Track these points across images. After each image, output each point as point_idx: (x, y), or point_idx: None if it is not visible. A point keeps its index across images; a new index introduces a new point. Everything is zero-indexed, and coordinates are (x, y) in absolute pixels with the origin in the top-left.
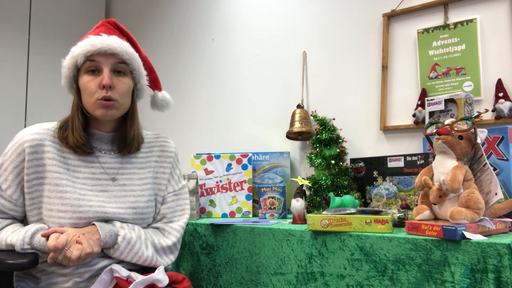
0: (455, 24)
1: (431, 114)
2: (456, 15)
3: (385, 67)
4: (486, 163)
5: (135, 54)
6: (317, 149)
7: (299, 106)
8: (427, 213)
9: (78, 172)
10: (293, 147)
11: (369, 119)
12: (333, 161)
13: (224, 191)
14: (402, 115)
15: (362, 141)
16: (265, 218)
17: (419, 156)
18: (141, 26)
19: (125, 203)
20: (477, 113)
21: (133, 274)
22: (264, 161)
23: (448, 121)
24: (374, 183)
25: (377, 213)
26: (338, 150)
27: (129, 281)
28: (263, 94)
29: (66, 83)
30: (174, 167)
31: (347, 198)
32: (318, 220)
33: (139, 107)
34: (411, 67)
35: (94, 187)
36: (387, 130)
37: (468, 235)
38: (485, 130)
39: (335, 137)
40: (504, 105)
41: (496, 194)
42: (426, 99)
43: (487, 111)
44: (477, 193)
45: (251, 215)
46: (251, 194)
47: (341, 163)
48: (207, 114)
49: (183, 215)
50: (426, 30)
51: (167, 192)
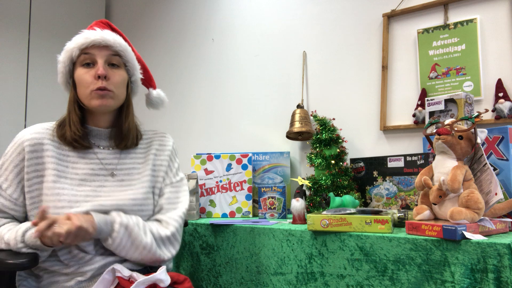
0: (455, 24)
1: (431, 114)
2: (456, 15)
3: (385, 67)
4: (486, 163)
5: (128, 47)
6: (317, 149)
7: (299, 106)
8: (427, 213)
9: (77, 168)
10: (293, 147)
11: (369, 119)
12: (333, 161)
13: (224, 191)
14: (402, 115)
15: (362, 141)
16: (265, 218)
17: (419, 156)
18: (141, 26)
19: (123, 195)
20: (477, 113)
21: (135, 274)
22: (264, 161)
23: (448, 121)
24: (374, 183)
25: (377, 213)
26: (338, 150)
27: (131, 281)
28: (263, 94)
29: (62, 78)
30: (172, 160)
31: (347, 198)
32: (318, 220)
33: (138, 106)
34: (411, 67)
35: (92, 183)
36: (387, 130)
37: (468, 235)
38: (485, 130)
39: (335, 137)
40: (504, 105)
41: (496, 194)
42: (426, 99)
43: (487, 111)
44: (477, 193)
45: (251, 215)
46: (251, 194)
47: (341, 163)
48: (207, 114)
49: (181, 205)
50: (426, 30)
51: (164, 184)
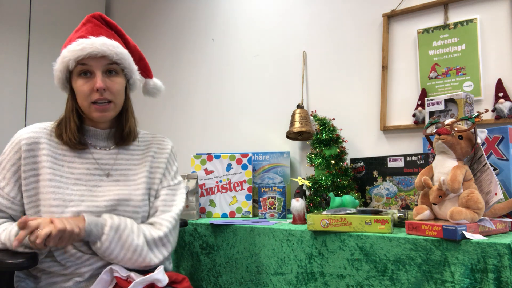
0: (455, 24)
1: (431, 114)
2: (456, 15)
3: (385, 67)
4: (486, 163)
5: (124, 53)
6: (317, 149)
7: (299, 106)
8: (427, 213)
9: (73, 168)
10: (293, 147)
11: (369, 119)
12: (333, 161)
13: (224, 191)
14: (402, 115)
15: (362, 141)
16: (265, 218)
17: (419, 156)
18: (141, 26)
19: (118, 195)
20: (477, 113)
21: (133, 274)
22: (264, 161)
23: (448, 121)
24: (374, 183)
25: (377, 213)
26: (338, 150)
27: (129, 280)
28: (263, 94)
29: (59, 83)
30: (170, 163)
31: (347, 198)
32: (318, 220)
33: (139, 105)
34: (411, 67)
35: (88, 183)
36: (387, 130)
37: (468, 235)
38: (485, 130)
39: (335, 137)
40: (504, 105)
41: (496, 194)
42: (426, 99)
43: (487, 111)
44: (477, 193)
45: (251, 215)
46: (251, 194)
47: (341, 163)
48: (207, 114)
49: (175, 207)
50: (426, 30)
51: (161, 186)
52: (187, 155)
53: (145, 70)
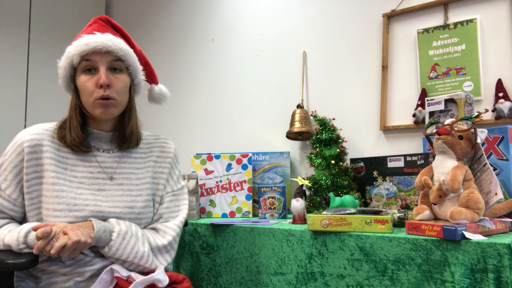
0: (455, 24)
1: (431, 114)
2: (456, 15)
3: (385, 67)
4: (486, 163)
5: (129, 50)
6: (317, 149)
7: (299, 106)
8: (427, 213)
9: (76, 171)
10: (293, 147)
11: (369, 119)
12: (333, 161)
13: (224, 191)
14: (402, 115)
15: (362, 141)
16: (265, 218)
17: (419, 156)
18: (141, 26)
19: (121, 202)
20: (477, 113)
21: (133, 274)
22: (264, 161)
23: (448, 121)
24: (374, 183)
25: (377, 213)
26: (338, 150)
27: (129, 281)
28: (263, 94)
29: (63, 82)
30: (173, 167)
31: (347, 198)
32: (318, 220)
33: (139, 105)
34: (411, 67)
35: (91, 186)
36: (387, 130)
37: (468, 235)
38: (485, 130)
39: (335, 137)
40: (504, 105)
41: (496, 194)
42: (426, 99)
43: (487, 111)
44: (477, 193)
45: (251, 215)
46: (251, 194)
47: (341, 163)
48: (207, 114)
49: (179, 214)
50: (426, 30)
51: (165, 192)
52: (187, 155)
53: (150, 76)
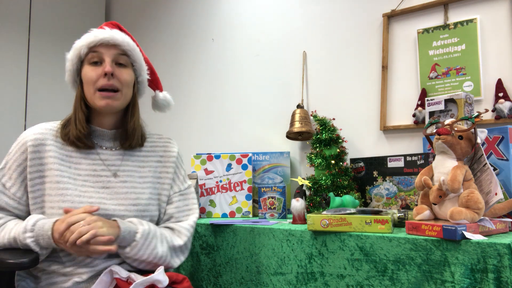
0: (455, 24)
1: (431, 114)
2: (456, 15)
3: (385, 67)
4: (486, 163)
5: (135, 47)
6: (317, 149)
7: (299, 106)
8: (427, 213)
9: (80, 169)
10: (293, 147)
11: (369, 119)
12: (333, 161)
13: (224, 191)
14: (402, 115)
15: (362, 141)
16: (265, 218)
17: (419, 156)
18: (141, 26)
19: (126, 199)
20: (477, 113)
21: (133, 275)
22: (264, 161)
23: (448, 121)
24: (374, 183)
25: (377, 213)
26: (338, 150)
27: (129, 282)
28: (263, 94)
29: (69, 76)
30: (178, 167)
31: (347, 198)
32: (318, 220)
33: (140, 106)
34: (411, 67)
35: (95, 184)
36: (387, 130)
37: (468, 235)
38: (485, 130)
39: (335, 137)
40: (504, 105)
41: (496, 194)
42: (426, 99)
43: (487, 111)
44: (477, 193)
45: (251, 215)
46: (251, 194)
47: (341, 163)
48: (207, 114)
49: (191, 214)
50: (426, 30)
51: (173, 192)
52: (187, 155)
53: (155, 84)
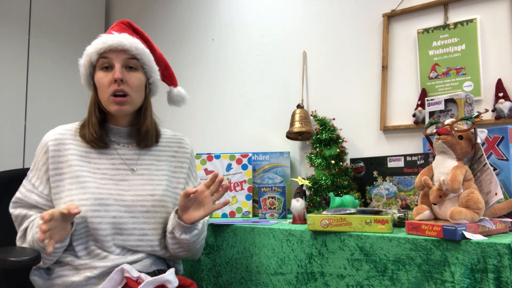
0: (455, 24)
1: (431, 114)
2: (456, 15)
3: (385, 67)
4: (486, 163)
5: (145, 50)
6: (317, 149)
7: (299, 106)
8: (427, 213)
9: (99, 164)
10: (293, 147)
11: (369, 119)
12: (333, 161)
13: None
14: (402, 115)
15: (362, 141)
16: (265, 218)
17: (419, 156)
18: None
19: (143, 190)
20: (477, 113)
21: (143, 275)
22: (264, 161)
23: (448, 121)
24: (374, 183)
25: (377, 213)
26: (338, 150)
27: (138, 282)
28: (263, 94)
29: (84, 81)
30: (192, 164)
31: (347, 198)
32: (318, 220)
33: (153, 103)
34: (411, 67)
35: (114, 177)
36: (387, 130)
37: (468, 235)
38: (485, 130)
39: (335, 137)
40: (504, 105)
41: (496, 194)
42: (426, 99)
43: (487, 111)
44: (477, 193)
45: (251, 215)
46: (251, 194)
47: (341, 163)
48: (207, 114)
49: None
50: (426, 30)
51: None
52: None
53: (170, 79)
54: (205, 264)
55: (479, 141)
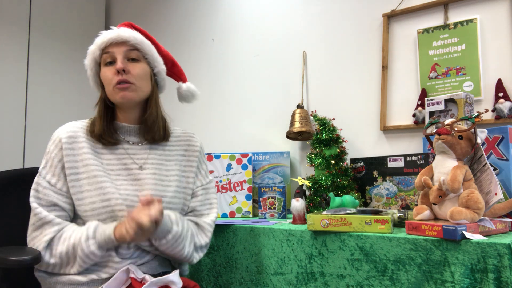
0: (455, 24)
1: (431, 114)
2: (456, 15)
3: (385, 67)
4: (486, 163)
5: (144, 40)
6: (317, 149)
7: (299, 106)
8: (427, 213)
9: (112, 164)
10: (293, 147)
11: (369, 119)
12: (333, 161)
13: (224, 191)
14: (402, 115)
15: (362, 141)
16: (265, 218)
17: (419, 156)
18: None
19: (154, 191)
20: (477, 113)
21: (148, 277)
22: (264, 161)
23: (448, 121)
24: (374, 183)
25: (377, 213)
26: (338, 150)
27: (142, 283)
28: (263, 94)
29: (92, 81)
30: (201, 161)
31: (347, 198)
32: (318, 220)
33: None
34: (411, 67)
35: (128, 177)
36: (387, 130)
37: (468, 235)
38: (485, 130)
39: (335, 137)
40: (504, 105)
41: (496, 194)
42: (426, 99)
43: (487, 111)
44: (477, 193)
45: (251, 215)
46: (251, 194)
47: (341, 163)
48: (207, 114)
49: (212, 209)
50: (426, 30)
51: (196, 186)
52: None
53: (178, 75)
54: (205, 264)
55: (479, 141)
